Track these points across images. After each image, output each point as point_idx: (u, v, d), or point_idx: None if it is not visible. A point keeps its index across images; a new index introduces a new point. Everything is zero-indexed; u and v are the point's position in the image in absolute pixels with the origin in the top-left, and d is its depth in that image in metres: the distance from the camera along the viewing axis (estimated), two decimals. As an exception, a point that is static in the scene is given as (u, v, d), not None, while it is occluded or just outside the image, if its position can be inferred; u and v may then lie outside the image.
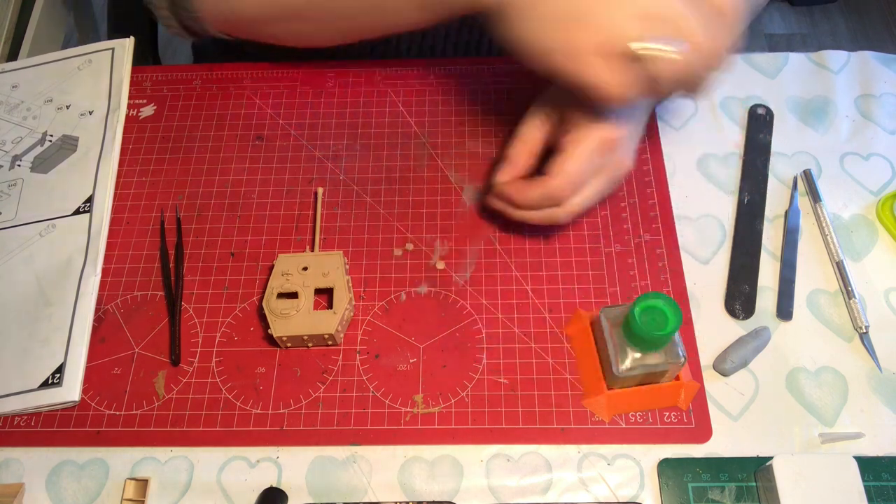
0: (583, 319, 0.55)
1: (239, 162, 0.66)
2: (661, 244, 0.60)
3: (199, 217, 0.64)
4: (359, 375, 0.55)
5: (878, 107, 0.67)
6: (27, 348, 0.56)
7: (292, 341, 0.56)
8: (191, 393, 0.55)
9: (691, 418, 0.53)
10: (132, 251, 0.62)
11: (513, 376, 0.55)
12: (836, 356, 0.55)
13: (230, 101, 0.70)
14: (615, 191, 0.62)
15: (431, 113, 0.68)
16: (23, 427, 0.54)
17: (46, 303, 0.58)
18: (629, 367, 0.49)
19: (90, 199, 0.64)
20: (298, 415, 0.54)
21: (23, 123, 0.69)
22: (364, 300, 0.59)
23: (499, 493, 0.51)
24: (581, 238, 0.61)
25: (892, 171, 0.64)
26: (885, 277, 0.59)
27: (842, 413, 0.53)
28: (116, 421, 0.54)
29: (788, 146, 0.65)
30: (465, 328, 0.57)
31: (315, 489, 0.51)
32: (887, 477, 0.50)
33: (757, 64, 0.70)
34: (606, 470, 0.52)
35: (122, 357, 0.57)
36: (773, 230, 0.61)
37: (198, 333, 0.58)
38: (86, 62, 0.72)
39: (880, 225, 0.61)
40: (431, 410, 0.54)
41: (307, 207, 0.63)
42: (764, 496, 0.49)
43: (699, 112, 0.68)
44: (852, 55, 0.70)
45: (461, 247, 0.61)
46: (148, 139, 0.68)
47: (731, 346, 0.55)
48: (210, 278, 0.60)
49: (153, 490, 0.52)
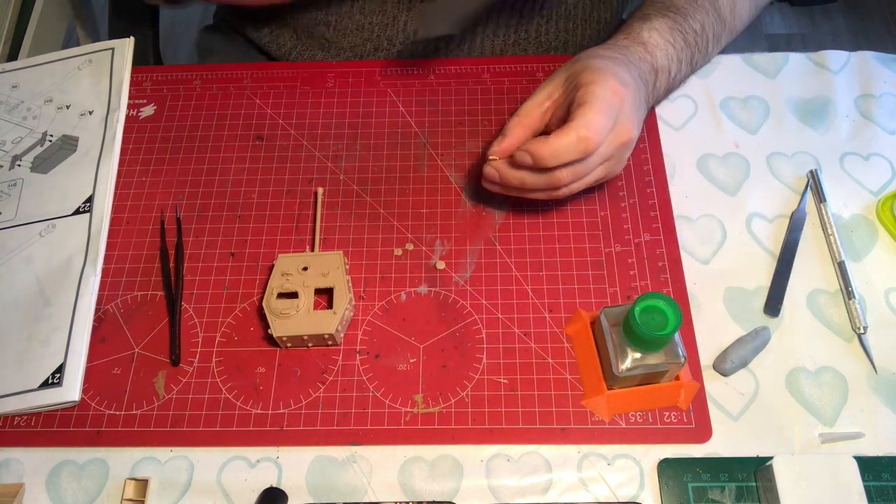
0: (583, 319, 0.55)
1: (239, 162, 0.66)
2: (661, 244, 0.60)
3: (199, 217, 0.63)
4: (359, 375, 0.55)
5: (878, 107, 0.67)
6: (27, 348, 0.56)
7: (292, 341, 0.56)
8: (191, 393, 0.55)
9: (691, 418, 0.53)
10: (132, 251, 0.62)
11: (513, 376, 0.55)
12: (836, 356, 0.55)
13: (230, 101, 0.70)
14: (616, 190, 0.63)
15: (431, 113, 0.68)
16: (23, 427, 0.54)
17: (46, 303, 0.58)
18: (629, 367, 0.49)
19: (90, 199, 0.64)
20: (298, 415, 0.54)
21: (23, 123, 0.69)
22: (364, 300, 0.59)
23: (499, 493, 0.51)
24: (581, 238, 0.61)
25: (892, 171, 0.64)
26: (885, 277, 0.59)
27: (842, 413, 0.53)
28: (116, 421, 0.54)
29: (788, 146, 0.65)
30: (465, 328, 0.57)
31: (315, 489, 0.51)
32: (887, 477, 0.50)
33: (757, 64, 0.70)
34: (606, 470, 0.52)
35: (122, 357, 0.57)
36: (774, 230, 0.61)
37: (198, 333, 0.58)
38: (86, 62, 0.72)
39: (880, 225, 0.61)
40: (431, 410, 0.54)
41: (307, 207, 0.63)
42: (764, 496, 0.49)
43: (699, 112, 0.68)
44: (852, 55, 0.70)
45: (461, 247, 0.61)
46: (148, 139, 0.68)
47: (731, 346, 0.55)
48: (210, 278, 0.60)
49: (153, 490, 0.52)
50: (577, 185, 0.55)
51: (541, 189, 0.55)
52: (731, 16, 0.65)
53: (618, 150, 0.55)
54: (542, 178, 0.54)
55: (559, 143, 0.51)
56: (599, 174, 0.56)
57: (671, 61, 0.60)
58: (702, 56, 0.63)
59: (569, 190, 0.55)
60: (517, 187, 0.56)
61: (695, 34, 0.61)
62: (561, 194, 0.56)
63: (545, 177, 0.54)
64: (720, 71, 0.70)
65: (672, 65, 0.60)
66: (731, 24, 0.65)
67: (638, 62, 0.58)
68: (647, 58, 0.59)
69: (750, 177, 0.64)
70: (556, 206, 0.62)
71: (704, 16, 0.62)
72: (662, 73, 0.59)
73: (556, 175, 0.53)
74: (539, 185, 0.55)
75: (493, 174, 0.56)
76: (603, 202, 0.62)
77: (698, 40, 0.62)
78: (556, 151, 0.51)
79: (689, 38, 0.61)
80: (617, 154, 0.55)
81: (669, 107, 0.68)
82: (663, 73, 0.60)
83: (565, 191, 0.55)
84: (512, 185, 0.56)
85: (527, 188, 0.55)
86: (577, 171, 0.53)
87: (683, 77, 0.63)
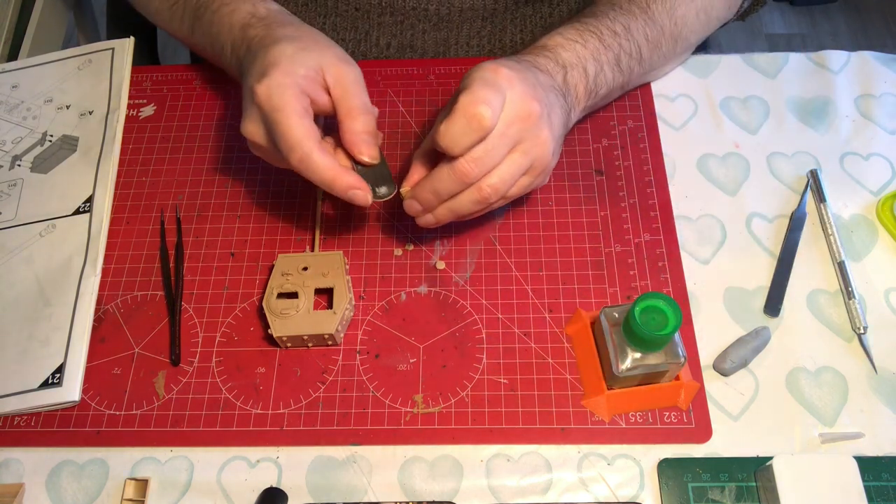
0: (583, 319, 0.55)
1: (239, 162, 0.66)
2: (661, 244, 0.60)
3: (199, 217, 0.63)
4: (359, 375, 0.55)
5: (878, 107, 0.67)
6: (27, 348, 0.56)
7: (292, 341, 0.56)
8: (191, 393, 0.55)
9: (691, 418, 0.53)
10: (132, 251, 0.62)
11: (513, 376, 0.55)
12: (836, 356, 0.55)
13: (230, 101, 0.70)
14: (616, 190, 0.63)
15: (431, 113, 0.68)
16: (23, 427, 0.54)
17: (46, 303, 0.58)
18: (629, 367, 0.49)
19: (90, 199, 0.64)
20: (298, 415, 0.54)
21: (23, 123, 0.69)
22: (364, 300, 0.59)
23: (499, 493, 0.51)
24: (581, 238, 0.61)
25: (892, 171, 0.64)
26: (885, 277, 0.59)
27: (842, 413, 0.53)
28: (116, 421, 0.54)
29: (788, 146, 0.65)
30: (465, 328, 0.57)
31: (315, 489, 0.51)
32: (887, 477, 0.50)
33: (757, 64, 0.70)
34: (606, 470, 0.52)
35: (122, 357, 0.57)
36: (774, 230, 0.61)
37: (198, 333, 0.58)
38: (86, 62, 0.72)
39: (880, 225, 0.61)
40: (431, 410, 0.54)
41: (307, 207, 0.63)
42: (764, 496, 0.49)
43: (699, 112, 0.68)
44: (852, 55, 0.70)
45: (461, 247, 0.61)
46: (148, 139, 0.68)
47: (731, 346, 0.55)
48: (210, 278, 0.60)
49: (153, 490, 0.52)
50: (498, 180, 0.51)
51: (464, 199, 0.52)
52: (671, 20, 0.62)
53: (525, 130, 0.51)
54: (450, 178, 0.51)
55: (451, 127, 0.48)
56: (519, 163, 0.51)
57: (583, 60, 0.58)
58: (634, 60, 0.61)
59: (493, 189, 0.51)
60: (435, 200, 0.53)
61: (614, 35, 0.59)
62: (488, 198, 0.51)
63: (453, 176, 0.50)
64: (720, 71, 0.70)
65: (587, 64, 0.58)
66: (673, 30, 0.63)
67: (533, 60, 0.56)
68: (548, 55, 0.57)
69: (750, 177, 0.64)
70: (556, 206, 0.62)
71: (629, 19, 0.61)
72: (573, 70, 0.57)
73: (460, 168, 0.50)
74: (452, 188, 0.51)
75: (412, 203, 0.54)
76: (603, 202, 0.62)
77: (622, 42, 0.60)
78: (450, 133, 0.49)
79: (606, 39, 0.59)
80: (527, 136, 0.51)
81: (669, 107, 0.68)
82: (574, 69, 0.57)
83: (489, 191, 0.51)
84: (429, 199, 0.53)
85: (443, 196, 0.52)
86: (482, 161, 0.50)
87: (612, 81, 0.60)
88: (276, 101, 0.50)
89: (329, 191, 0.52)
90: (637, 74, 0.63)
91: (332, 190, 0.52)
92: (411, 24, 0.73)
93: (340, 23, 0.74)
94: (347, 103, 0.52)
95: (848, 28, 1.84)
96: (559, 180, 0.64)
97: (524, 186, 0.53)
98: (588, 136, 0.66)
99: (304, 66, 0.52)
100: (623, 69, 0.61)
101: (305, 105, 0.51)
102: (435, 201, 0.53)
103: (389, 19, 0.73)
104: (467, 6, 0.71)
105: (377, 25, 0.74)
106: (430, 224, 0.55)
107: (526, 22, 0.75)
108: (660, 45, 0.63)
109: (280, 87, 0.50)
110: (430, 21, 0.73)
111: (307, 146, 0.50)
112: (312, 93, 0.52)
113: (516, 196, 0.54)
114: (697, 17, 0.64)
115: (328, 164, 0.51)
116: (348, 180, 0.51)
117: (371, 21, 0.74)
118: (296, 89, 0.51)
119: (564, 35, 0.59)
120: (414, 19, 0.73)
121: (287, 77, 0.51)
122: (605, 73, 0.59)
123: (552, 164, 0.54)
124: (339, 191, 0.51)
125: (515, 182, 0.52)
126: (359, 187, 0.52)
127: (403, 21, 0.73)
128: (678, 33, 0.64)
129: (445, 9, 0.71)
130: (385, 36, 0.75)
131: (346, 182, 0.51)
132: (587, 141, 0.65)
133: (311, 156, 0.50)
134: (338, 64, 0.53)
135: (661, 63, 0.65)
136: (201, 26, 0.63)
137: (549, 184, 0.63)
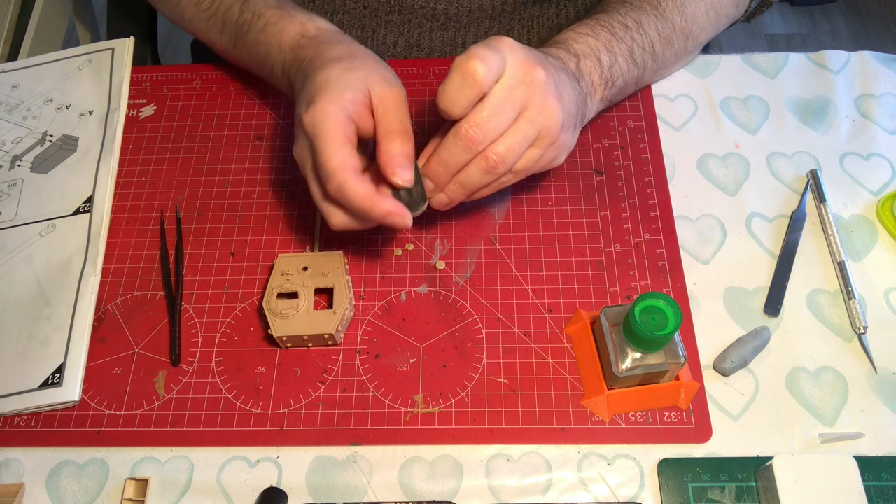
0: (583, 319, 0.55)
1: (239, 162, 0.66)
2: (661, 244, 0.60)
3: (199, 217, 0.64)
4: (359, 375, 0.55)
5: (878, 107, 0.67)
6: (27, 348, 0.56)
7: (292, 341, 0.56)
8: (191, 393, 0.55)
9: (691, 418, 0.53)
10: (132, 251, 0.62)
11: (513, 376, 0.55)
12: (835, 356, 0.55)
13: (230, 101, 0.70)
14: (616, 190, 0.63)
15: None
16: (23, 427, 0.54)
17: (46, 303, 0.58)
18: (629, 367, 0.49)
19: (90, 199, 0.64)
20: (298, 415, 0.54)
21: (23, 123, 0.69)
22: (364, 300, 0.59)
23: (499, 493, 0.51)
24: (581, 238, 0.61)
25: (892, 171, 0.64)
26: (885, 277, 0.59)
27: (842, 413, 0.53)
28: (116, 421, 0.54)
29: (788, 146, 0.65)
30: (465, 328, 0.57)
31: (315, 489, 0.51)
32: (887, 477, 0.50)
33: (757, 64, 0.70)
34: (606, 470, 0.52)
35: (122, 357, 0.57)
36: (774, 230, 0.61)
37: (198, 333, 0.58)
38: (86, 62, 0.72)
39: (880, 225, 0.61)
40: (431, 410, 0.54)
41: (307, 207, 0.63)
42: (764, 496, 0.49)
43: (699, 112, 0.68)
44: (852, 55, 0.70)
45: (461, 247, 0.61)
46: (148, 139, 0.68)
47: (731, 346, 0.55)
48: (210, 278, 0.60)
49: (153, 490, 0.52)
50: (504, 149, 0.50)
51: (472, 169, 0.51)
52: (681, 17, 0.63)
53: (529, 96, 0.50)
54: (456, 146, 0.50)
55: (446, 85, 0.48)
56: (525, 131, 0.50)
57: (595, 50, 0.58)
58: (647, 54, 0.61)
59: (499, 158, 0.50)
60: (444, 172, 0.52)
61: (625, 28, 0.60)
62: (495, 166, 0.51)
63: (459, 143, 0.50)
64: (720, 71, 0.70)
65: (600, 54, 0.58)
66: (684, 27, 0.63)
67: (544, 50, 0.56)
68: (559, 46, 0.57)
69: (750, 177, 0.64)
70: (556, 206, 0.62)
71: (640, 14, 0.61)
72: (586, 59, 0.57)
73: (464, 133, 0.49)
74: (459, 158, 0.51)
75: (425, 182, 0.53)
76: (603, 202, 0.62)
77: (634, 35, 0.60)
78: (446, 92, 0.49)
79: (618, 32, 0.59)
80: (532, 102, 0.50)
81: (669, 107, 0.68)
82: (587, 58, 0.57)
83: (495, 159, 0.50)
84: (438, 172, 0.52)
85: (451, 168, 0.51)
86: (486, 126, 0.49)
87: (627, 73, 0.60)
88: (318, 130, 0.50)
89: (368, 219, 0.52)
90: (651, 70, 0.63)
91: (370, 218, 0.51)
92: (419, 23, 0.74)
93: (348, 20, 0.74)
94: (387, 125, 0.52)
95: (848, 28, 1.84)
96: (559, 180, 0.64)
97: (533, 159, 0.53)
98: (588, 136, 0.66)
99: (350, 89, 0.51)
100: (637, 62, 0.61)
101: (349, 132, 0.51)
102: (444, 174, 0.52)
103: (397, 18, 0.73)
104: (475, 6, 0.72)
105: (385, 24, 0.74)
106: (443, 204, 0.54)
107: (533, 23, 0.75)
108: (671, 40, 0.63)
109: (324, 114, 0.50)
110: (438, 20, 0.73)
111: (342, 176, 0.50)
112: (358, 116, 0.52)
113: (526, 171, 0.53)
114: (707, 14, 0.65)
115: (364, 194, 0.50)
116: (385, 207, 0.50)
117: (379, 19, 0.74)
118: (340, 115, 0.50)
119: (575, 30, 0.59)
120: (422, 18, 0.73)
121: (332, 104, 0.50)
122: (620, 63, 0.60)
123: (565, 141, 0.53)
124: (376, 219, 0.51)
125: (523, 152, 0.52)
126: (396, 213, 0.51)
127: (411, 20, 0.73)
128: (689, 30, 0.64)
129: (454, 8, 0.72)
130: (392, 34, 0.75)
131: (383, 209, 0.50)
132: (587, 141, 0.65)
133: (347, 184, 0.50)
134: (383, 84, 0.52)
135: (672, 60, 0.66)
136: (246, 44, 0.63)
137: (548, 184, 0.63)
